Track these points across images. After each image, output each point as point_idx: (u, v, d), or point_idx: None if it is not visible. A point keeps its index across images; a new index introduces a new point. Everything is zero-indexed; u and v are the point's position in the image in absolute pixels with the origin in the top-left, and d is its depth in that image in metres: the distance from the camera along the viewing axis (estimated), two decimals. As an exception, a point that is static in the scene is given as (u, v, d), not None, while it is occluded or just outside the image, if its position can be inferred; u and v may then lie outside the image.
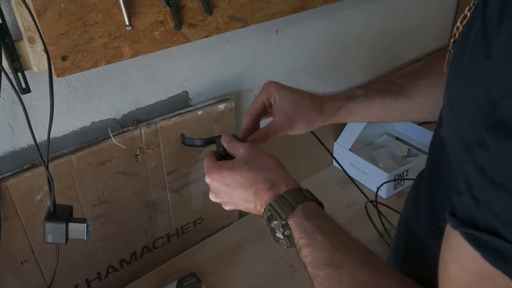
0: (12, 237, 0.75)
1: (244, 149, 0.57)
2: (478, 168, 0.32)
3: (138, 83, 0.84)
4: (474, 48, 0.36)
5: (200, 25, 0.78)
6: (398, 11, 1.27)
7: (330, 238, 0.47)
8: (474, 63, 0.36)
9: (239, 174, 0.55)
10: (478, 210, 0.31)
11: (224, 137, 0.62)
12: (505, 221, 0.30)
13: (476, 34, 0.36)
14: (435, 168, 0.54)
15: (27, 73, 0.66)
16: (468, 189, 0.33)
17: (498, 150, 0.31)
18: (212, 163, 0.59)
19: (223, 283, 0.94)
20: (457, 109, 0.41)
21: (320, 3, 0.95)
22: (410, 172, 1.18)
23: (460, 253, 0.33)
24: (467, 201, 0.32)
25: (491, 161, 0.31)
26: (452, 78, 0.42)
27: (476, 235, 0.31)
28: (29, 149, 0.75)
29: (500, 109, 0.31)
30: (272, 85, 0.67)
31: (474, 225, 0.32)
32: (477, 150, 0.32)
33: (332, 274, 0.44)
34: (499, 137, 0.30)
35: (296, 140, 1.16)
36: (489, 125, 0.32)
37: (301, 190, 0.53)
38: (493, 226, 0.30)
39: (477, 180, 0.32)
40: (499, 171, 0.30)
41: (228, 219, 1.10)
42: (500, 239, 0.30)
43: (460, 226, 0.33)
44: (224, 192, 0.57)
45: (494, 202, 0.30)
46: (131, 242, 0.94)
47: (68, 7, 0.63)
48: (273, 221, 0.51)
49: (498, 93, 0.32)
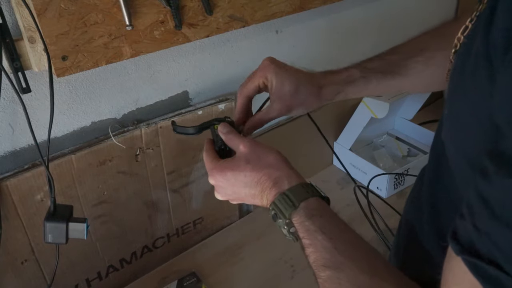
0: (12, 237, 0.75)
1: (244, 146, 0.56)
2: (480, 196, 0.32)
3: (138, 83, 0.84)
4: (476, 66, 0.36)
5: (200, 25, 0.78)
6: (398, 11, 1.27)
7: (331, 238, 0.46)
8: (477, 82, 0.36)
9: (243, 174, 0.55)
10: (479, 239, 0.32)
11: (221, 128, 0.61)
12: (505, 255, 0.30)
13: (478, 51, 0.36)
14: (437, 173, 0.53)
15: (27, 73, 0.66)
16: (470, 216, 0.33)
17: (500, 185, 0.31)
18: (213, 163, 0.58)
19: (223, 283, 0.94)
20: (460, 123, 0.40)
21: (320, 3, 0.95)
22: (410, 172, 1.18)
23: (460, 276, 0.33)
24: (469, 227, 0.32)
25: (493, 193, 0.31)
26: (453, 89, 0.42)
27: (477, 263, 0.31)
28: (29, 149, 0.75)
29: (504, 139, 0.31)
30: (270, 69, 0.64)
31: (475, 253, 0.32)
32: (479, 178, 0.32)
33: (332, 276, 0.43)
34: (501, 173, 0.30)
35: (296, 140, 1.16)
36: (492, 153, 0.32)
37: (303, 186, 0.51)
38: (494, 257, 0.30)
39: (478, 208, 0.32)
40: (500, 204, 0.30)
41: (228, 219, 1.10)
42: (501, 271, 0.30)
43: (461, 253, 0.33)
44: (230, 191, 0.57)
45: (495, 234, 0.30)
46: (131, 242, 0.94)
47: (69, 7, 0.63)
48: (278, 220, 0.51)
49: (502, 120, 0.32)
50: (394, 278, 0.44)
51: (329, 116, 1.23)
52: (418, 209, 0.58)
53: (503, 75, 0.32)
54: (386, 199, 1.16)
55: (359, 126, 1.18)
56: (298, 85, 0.64)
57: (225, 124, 0.61)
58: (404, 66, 0.65)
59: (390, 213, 1.08)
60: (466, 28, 0.44)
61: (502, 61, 0.33)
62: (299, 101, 0.64)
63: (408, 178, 1.18)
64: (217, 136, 0.61)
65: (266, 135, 1.08)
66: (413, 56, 0.64)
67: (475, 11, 0.43)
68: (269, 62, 0.65)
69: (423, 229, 0.56)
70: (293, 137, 1.14)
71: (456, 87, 0.42)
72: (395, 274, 0.44)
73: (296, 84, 0.64)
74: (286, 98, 0.64)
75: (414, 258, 0.60)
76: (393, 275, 0.44)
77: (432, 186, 0.55)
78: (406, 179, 1.18)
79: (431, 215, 0.54)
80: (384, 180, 1.14)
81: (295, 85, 0.64)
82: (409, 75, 0.65)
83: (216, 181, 0.58)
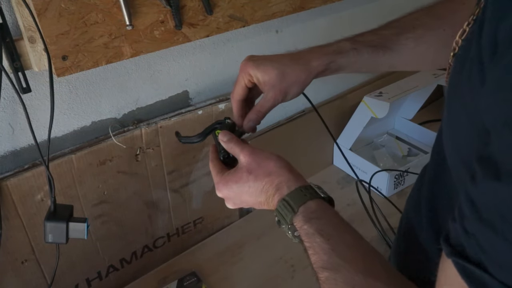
0: (12, 236, 0.75)
1: (244, 156, 0.57)
2: (469, 199, 0.32)
3: (138, 83, 0.84)
4: (471, 69, 0.36)
5: (201, 24, 0.78)
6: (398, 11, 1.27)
7: (329, 240, 0.46)
8: (471, 85, 0.36)
9: (247, 185, 0.56)
10: (468, 241, 0.32)
11: (221, 137, 0.62)
12: (490, 257, 0.30)
13: (473, 55, 0.36)
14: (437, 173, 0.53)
15: (27, 73, 0.66)
16: (460, 219, 0.33)
17: (485, 188, 0.31)
18: (218, 177, 0.60)
19: (223, 283, 0.94)
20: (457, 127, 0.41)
21: (320, 2, 0.95)
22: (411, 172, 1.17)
23: (451, 278, 0.34)
24: (459, 230, 0.33)
25: (480, 196, 0.32)
26: (452, 92, 0.42)
27: (465, 265, 0.32)
28: (29, 149, 0.75)
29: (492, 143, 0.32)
30: (249, 66, 0.63)
31: (464, 255, 0.32)
32: (469, 181, 0.33)
33: (330, 277, 0.44)
34: (487, 175, 0.31)
35: (296, 140, 1.16)
36: (481, 157, 0.32)
37: (302, 189, 0.52)
38: (480, 259, 0.31)
39: (467, 211, 0.32)
40: (486, 208, 0.31)
41: (228, 219, 1.10)
42: (486, 273, 0.30)
43: (452, 254, 0.33)
44: (239, 201, 0.59)
45: (481, 237, 0.31)
46: (132, 241, 0.94)
47: (69, 7, 0.63)
48: (282, 225, 0.52)
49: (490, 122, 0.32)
50: (391, 278, 0.44)
51: (329, 116, 1.23)
52: (417, 208, 0.58)
53: (490, 77, 0.33)
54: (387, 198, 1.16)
55: (359, 126, 1.18)
56: (283, 67, 0.63)
57: (225, 132, 0.62)
58: (396, 41, 0.64)
59: (392, 212, 1.08)
60: (464, 32, 0.44)
61: (489, 63, 0.33)
62: (290, 82, 0.63)
63: (409, 177, 1.18)
64: (220, 144, 0.63)
65: (266, 135, 1.08)
66: (404, 32, 0.64)
67: (473, 14, 0.43)
68: (246, 60, 0.64)
69: (422, 229, 0.56)
70: (293, 137, 1.14)
71: (454, 90, 0.42)
72: (392, 274, 0.45)
73: (279, 67, 0.63)
74: (276, 84, 0.62)
75: (413, 258, 0.60)
76: (390, 275, 0.44)
77: (431, 186, 0.55)
78: (407, 179, 1.18)
79: (430, 215, 0.54)
80: (385, 179, 1.14)
81: (279, 68, 0.62)
82: (399, 51, 0.64)
83: (223, 194, 0.60)
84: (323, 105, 1.21)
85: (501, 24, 0.32)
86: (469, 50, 0.38)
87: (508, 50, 0.31)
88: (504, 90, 0.30)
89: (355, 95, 1.25)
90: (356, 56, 0.64)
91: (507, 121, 0.30)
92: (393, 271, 0.45)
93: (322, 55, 0.64)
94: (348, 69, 0.66)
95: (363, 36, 0.66)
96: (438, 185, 0.53)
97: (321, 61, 0.64)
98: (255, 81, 0.64)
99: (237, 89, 0.66)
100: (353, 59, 0.64)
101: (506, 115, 0.30)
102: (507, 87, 0.30)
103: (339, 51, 0.64)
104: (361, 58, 0.64)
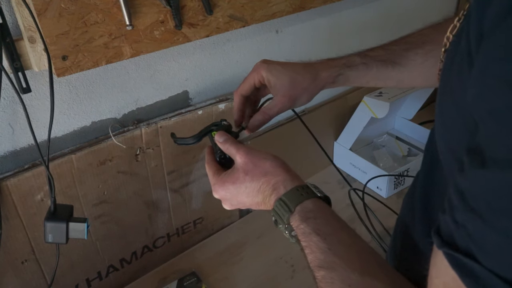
0: (12, 236, 0.75)
1: (240, 157, 0.57)
2: (457, 189, 0.33)
3: (138, 83, 0.84)
4: (461, 63, 0.37)
5: (201, 24, 0.78)
6: (398, 11, 1.27)
7: (325, 239, 0.46)
8: (461, 78, 0.36)
9: (244, 186, 0.56)
10: (457, 232, 0.32)
11: (217, 138, 0.62)
12: (479, 246, 0.30)
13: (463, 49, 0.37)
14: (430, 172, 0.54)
15: (27, 73, 0.66)
16: (449, 210, 0.33)
17: (472, 177, 0.31)
18: (214, 178, 0.60)
19: (223, 283, 0.95)
20: (448, 122, 0.41)
21: (320, 2, 0.95)
22: (411, 172, 1.18)
23: (442, 270, 0.34)
24: (449, 221, 0.33)
25: (467, 186, 0.32)
26: (443, 87, 0.42)
27: (455, 256, 0.32)
28: (29, 149, 0.75)
29: (478, 132, 0.32)
30: (263, 68, 0.66)
31: (454, 246, 0.32)
32: (457, 172, 0.33)
33: (326, 276, 0.44)
34: (474, 164, 0.31)
35: (296, 140, 1.16)
36: (468, 149, 0.33)
37: (298, 189, 0.52)
38: (470, 249, 0.31)
39: (456, 201, 0.33)
40: (474, 196, 0.31)
41: (228, 219, 1.10)
42: (476, 263, 0.30)
43: (442, 246, 0.33)
44: (236, 202, 0.59)
45: (470, 226, 0.31)
46: (132, 241, 0.94)
47: (69, 7, 0.63)
48: (279, 225, 0.52)
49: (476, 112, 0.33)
50: (387, 276, 0.44)
51: (329, 116, 1.23)
52: (412, 208, 0.58)
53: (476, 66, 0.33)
54: (386, 199, 1.16)
55: (359, 126, 1.18)
56: (294, 75, 0.65)
57: (221, 133, 0.62)
58: (404, 57, 0.65)
59: (389, 213, 1.08)
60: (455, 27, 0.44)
61: (476, 53, 0.33)
62: (299, 90, 0.65)
63: (409, 177, 1.18)
64: (216, 145, 0.62)
65: (266, 135, 1.08)
66: (414, 48, 0.65)
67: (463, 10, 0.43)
68: (262, 62, 0.67)
69: (416, 228, 0.56)
70: (293, 137, 1.14)
71: (445, 85, 0.42)
72: (389, 272, 0.45)
73: (291, 75, 0.65)
74: (286, 90, 0.65)
75: (409, 257, 0.60)
76: (386, 273, 0.44)
77: (425, 185, 0.55)
78: (406, 179, 1.18)
79: (424, 214, 0.54)
80: (384, 180, 1.14)
81: (291, 76, 0.65)
82: (408, 66, 0.65)
83: (220, 195, 0.60)
84: (323, 105, 1.21)
85: (486, 12, 0.32)
86: (458, 44, 0.38)
87: (491, 38, 0.31)
88: (488, 78, 0.30)
89: (355, 95, 1.25)
90: (365, 70, 0.66)
91: (491, 110, 0.30)
92: (390, 270, 0.45)
93: (332, 67, 0.66)
94: (357, 82, 0.68)
95: (373, 51, 0.68)
96: (431, 184, 0.53)
97: (330, 72, 0.66)
98: (266, 83, 0.66)
99: (245, 85, 0.68)
100: (362, 72, 0.66)
101: (490, 104, 0.30)
102: (490, 74, 0.30)
103: (349, 65, 0.67)
104: (370, 72, 0.66)
